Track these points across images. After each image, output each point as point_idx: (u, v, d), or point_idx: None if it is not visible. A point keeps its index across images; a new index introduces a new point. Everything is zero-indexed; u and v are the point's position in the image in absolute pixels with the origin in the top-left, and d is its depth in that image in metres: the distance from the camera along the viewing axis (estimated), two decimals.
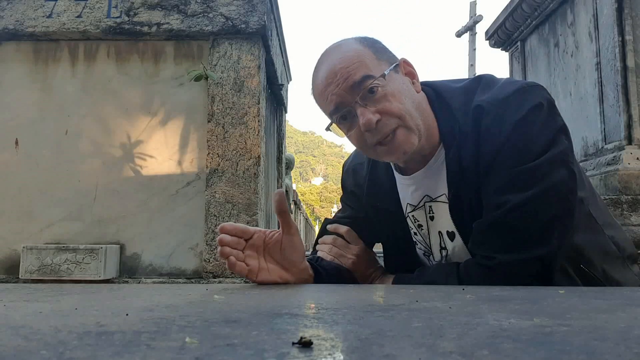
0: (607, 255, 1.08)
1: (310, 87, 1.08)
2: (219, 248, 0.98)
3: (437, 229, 1.12)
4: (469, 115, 1.00)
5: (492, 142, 0.96)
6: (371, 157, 1.13)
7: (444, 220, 1.09)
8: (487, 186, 0.98)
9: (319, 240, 1.29)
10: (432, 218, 1.12)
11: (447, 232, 1.10)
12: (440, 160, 1.07)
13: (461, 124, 1.01)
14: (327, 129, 1.07)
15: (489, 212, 0.97)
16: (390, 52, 1.07)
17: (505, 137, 0.95)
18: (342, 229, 1.24)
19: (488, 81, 1.05)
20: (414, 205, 1.14)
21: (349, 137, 1.06)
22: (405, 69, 1.06)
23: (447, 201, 1.06)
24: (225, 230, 0.98)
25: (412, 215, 1.16)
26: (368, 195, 1.21)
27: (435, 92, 1.08)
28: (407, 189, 1.15)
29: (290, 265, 1.01)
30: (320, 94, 1.03)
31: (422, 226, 1.15)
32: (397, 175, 1.17)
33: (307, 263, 1.06)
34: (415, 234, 1.18)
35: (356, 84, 0.98)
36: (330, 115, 1.04)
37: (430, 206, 1.11)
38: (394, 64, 1.03)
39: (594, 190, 1.17)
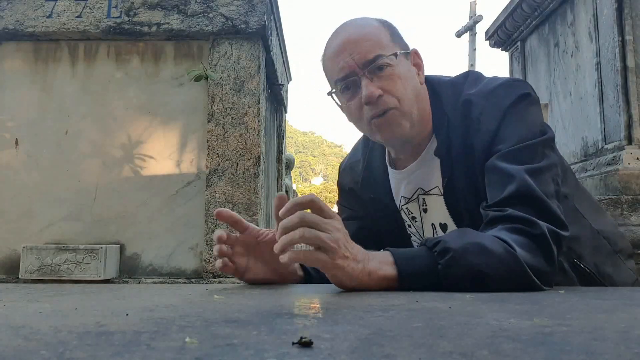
0: (597, 249, 1.08)
1: (323, 51, 1.10)
2: (216, 246, 0.97)
3: (430, 220, 1.15)
4: (458, 108, 1.04)
5: (485, 130, 0.99)
6: (363, 131, 1.14)
7: (437, 213, 1.12)
8: (490, 173, 0.96)
9: None
10: (425, 210, 1.15)
11: (440, 224, 1.13)
12: (432, 152, 1.09)
13: (449, 116, 1.05)
14: (329, 94, 1.10)
15: (497, 190, 0.94)
16: (404, 41, 1.11)
17: (498, 122, 0.98)
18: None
19: (475, 77, 1.10)
20: (407, 198, 1.17)
21: (346, 108, 1.08)
22: (414, 59, 1.10)
23: (440, 193, 1.09)
24: (221, 216, 0.97)
25: (406, 208, 1.18)
26: (363, 187, 1.24)
27: (430, 85, 1.12)
28: (400, 183, 1.17)
29: (279, 266, 1.00)
30: (332, 59, 1.06)
31: (415, 218, 1.18)
32: (390, 170, 1.20)
33: (297, 265, 1.06)
34: (409, 226, 1.21)
35: (368, 59, 1.01)
36: (335, 81, 1.07)
37: (423, 199, 1.14)
38: (406, 51, 1.08)
39: (579, 185, 1.17)
